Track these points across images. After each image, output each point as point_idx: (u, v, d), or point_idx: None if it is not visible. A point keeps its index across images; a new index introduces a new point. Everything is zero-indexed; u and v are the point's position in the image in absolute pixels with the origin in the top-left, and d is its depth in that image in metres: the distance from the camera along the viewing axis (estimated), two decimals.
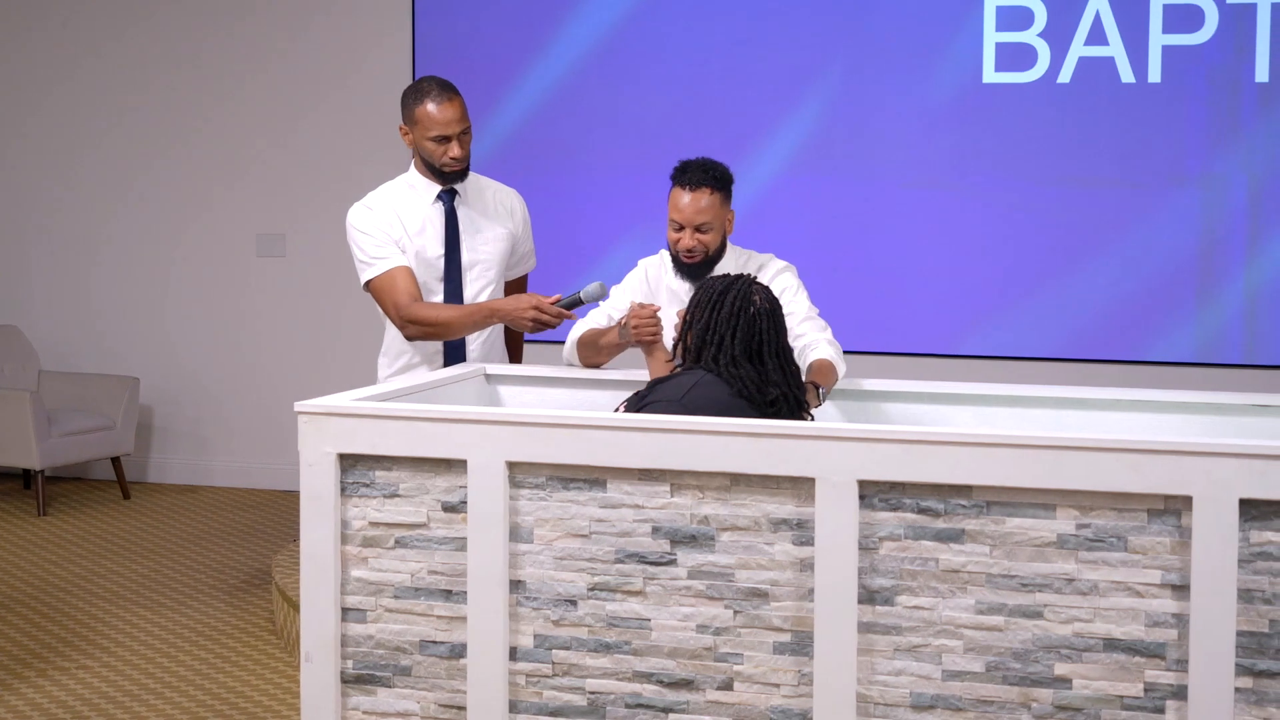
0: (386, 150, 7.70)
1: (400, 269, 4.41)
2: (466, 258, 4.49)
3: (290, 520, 7.12)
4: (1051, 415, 3.85)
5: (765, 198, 7.18)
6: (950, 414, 3.91)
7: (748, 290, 3.57)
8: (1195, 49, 6.64)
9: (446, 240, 4.48)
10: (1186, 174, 6.70)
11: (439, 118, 4.38)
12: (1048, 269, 6.88)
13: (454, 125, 4.39)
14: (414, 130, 4.43)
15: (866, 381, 4.04)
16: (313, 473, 3.41)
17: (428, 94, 4.40)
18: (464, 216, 4.51)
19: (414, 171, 4.54)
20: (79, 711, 4.70)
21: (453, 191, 4.51)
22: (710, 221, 4.12)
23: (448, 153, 4.40)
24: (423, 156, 4.46)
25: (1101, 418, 3.86)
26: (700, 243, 4.11)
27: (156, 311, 8.11)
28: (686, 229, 4.11)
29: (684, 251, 4.12)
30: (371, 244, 4.45)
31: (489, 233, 4.54)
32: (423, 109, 4.39)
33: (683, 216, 4.11)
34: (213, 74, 7.95)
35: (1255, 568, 2.97)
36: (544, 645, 3.33)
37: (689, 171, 4.13)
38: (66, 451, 7.41)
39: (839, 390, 3.95)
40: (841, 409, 3.98)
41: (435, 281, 4.48)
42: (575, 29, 7.35)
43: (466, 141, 4.44)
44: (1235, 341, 6.72)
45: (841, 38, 7.03)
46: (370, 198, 4.54)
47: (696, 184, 4.10)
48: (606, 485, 3.27)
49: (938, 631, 3.12)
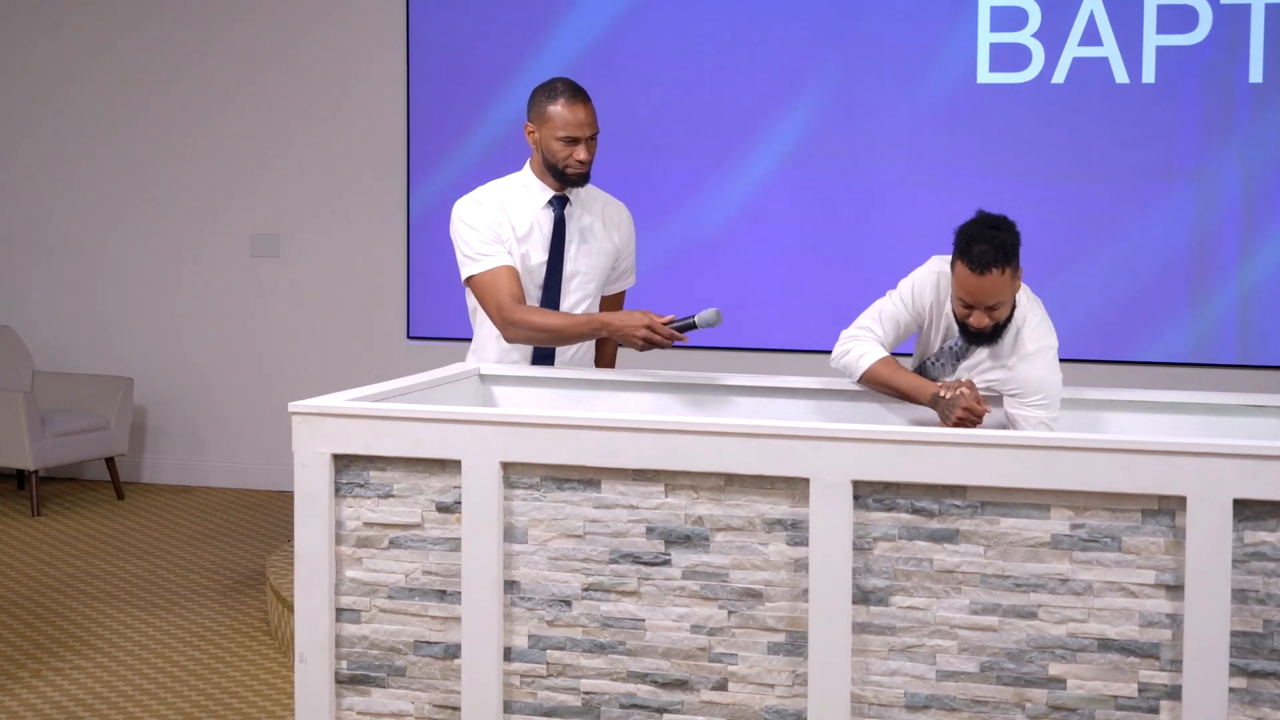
0: (384, 150, 7.71)
1: (505, 268, 4.29)
2: (569, 268, 4.37)
3: (285, 521, 7.11)
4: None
5: (760, 197, 7.18)
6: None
7: None
8: (1189, 49, 6.65)
9: (551, 248, 4.36)
10: (1180, 174, 6.71)
11: (571, 118, 4.27)
12: (1042, 269, 6.87)
13: (585, 128, 4.28)
14: (541, 129, 4.31)
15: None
16: (307, 473, 3.40)
17: (561, 93, 4.29)
18: (572, 226, 4.39)
19: (529, 172, 4.41)
20: (73, 712, 4.70)
21: (564, 199, 4.39)
22: (1001, 300, 3.79)
23: (574, 155, 4.28)
24: (546, 157, 4.32)
25: (1095, 418, 3.86)
26: (991, 318, 3.81)
27: (151, 312, 8.10)
28: (980, 311, 3.80)
29: (973, 327, 3.82)
30: (478, 239, 4.33)
31: (594, 244, 4.42)
32: (555, 107, 4.28)
33: (973, 299, 3.78)
34: (206, 76, 7.94)
35: (1249, 568, 2.97)
36: (538, 645, 3.33)
37: (974, 247, 3.76)
38: (60, 452, 7.40)
39: (837, 390, 3.95)
40: (836, 410, 3.98)
41: (534, 288, 4.37)
42: (568, 33, 7.35)
43: (593, 147, 4.32)
44: (1229, 342, 6.73)
45: (836, 38, 7.04)
46: (480, 192, 4.42)
47: (987, 265, 3.73)
48: (601, 486, 3.27)
49: (932, 632, 3.12)
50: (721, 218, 7.24)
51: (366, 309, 7.80)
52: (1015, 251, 3.78)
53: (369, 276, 7.77)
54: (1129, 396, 3.85)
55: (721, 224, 7.24)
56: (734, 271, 7.18)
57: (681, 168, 7.26)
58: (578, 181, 4.35)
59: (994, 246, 3.73)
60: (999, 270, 3.73)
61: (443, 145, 7.54)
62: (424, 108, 7.56)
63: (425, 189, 7.54)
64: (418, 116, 7.57)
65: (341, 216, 7.81)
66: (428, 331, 7.62)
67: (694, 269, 7.21)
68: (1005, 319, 3.84)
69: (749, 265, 7.16)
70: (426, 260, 7.52)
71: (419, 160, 7.59)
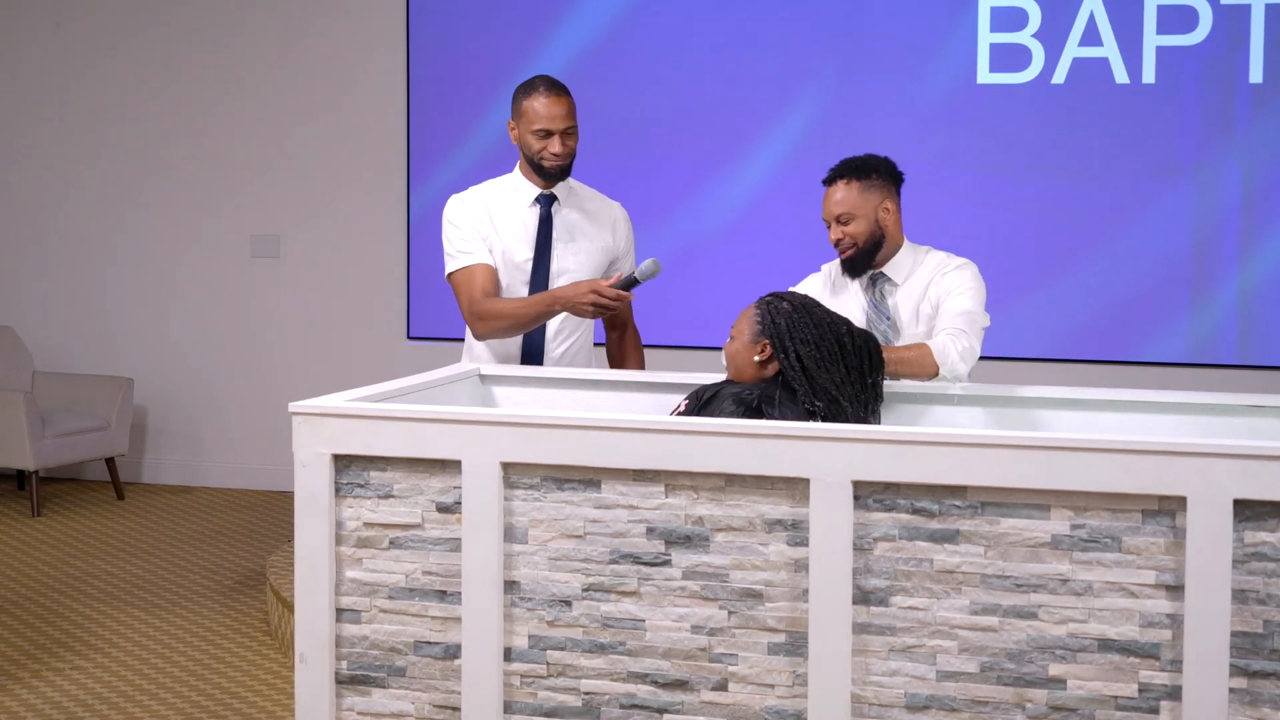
0: (384, 150, 7.71)
1: (481, 266, 4.35)
2: (555, 265, 4.40)
3: (285, 521, 7.11)
4: (1046, 415, 3.85)
5: (760, 197, 7.18)
6: (945, 414, 3.91)
7: (774, 301, 3.66)
8: (1189, 49, 6.65)
9: (537, 245, 4.39)
10: (1180, 175, 6.71)
11: (544, 112, 4.31)
12: (1042, 270, 6.89)
13: (558, 121, 4.31)
14: (519, 124, 4.36)
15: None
16: (307, 473, 3.40)
17: (536, 88, 4.34)
18: (559, 224, 4.42)
19: (518, 173, 4.46)
20: (73, 712, 4.70)
21: (551, 197, 4.42)
22: (850, 211, 4.10)
23: (548, 148, 4.32)
24: (525, 153, 4.37)
25: (1096, 418, 3.86)
26: (846, 234, 4.10)
27: (151, 312, 8.11)
28: (832, 224, 4.11)
29: (835, 245, 4.13)
30: (458, 237, 4.39)
31: (584, 243, 4.44)
32: (530, 102, 4.33)
33: (825, 212, 4.13)
34: (207, 76, 7.94)
35: (1249, 568, 2.97)
36: (538, 646, 3.33)
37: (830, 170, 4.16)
38: (61, 452, 7.40)
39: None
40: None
41: (521, 286, 4.40)
42: (568, 33, 7.35)
43: (570, 142, 4.35)
44: (1229, 342, 6.73)
45: (836, 38, 7.04)
46: (470, 190, 4.48)
47: (833, 178, 4.13)
48: (601, 486, 3.27)
49: (932, 632, 3.12)
50: (721, 218, 7.24)
51: (366, 309, 7.80)
52: (867, 172, 4.11)
53: (369, 276, 7.77)
54: (1129, 396, 3.85)
55: (721, 224, 7.25)
56: (734, 271, 7.18)
57: (681, 168, 7.26)
58: (556, 175, 4.38)
59: (843, 162, 4.12)
60: (844, 181, 4.09)
61: (443, 145, 7.54)
62: (424, 108, 7.56)
63: (425, 189, 7.54)
64: (418, 117, 7.57)
65: (341, 216, 7.81)
66: (428, 331, 7.62)
67: (694, 269, 7.21)
68: (873, 243, 4.08)
69: (749, 265, 7.16)
70: (426, 260, 7.51)
71: (419, 160, 7.59)
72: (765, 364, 3.65)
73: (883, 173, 4.16)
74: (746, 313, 3.73)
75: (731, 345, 3.73)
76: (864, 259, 4.12)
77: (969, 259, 4.17)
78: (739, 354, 3.70)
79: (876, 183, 4.12)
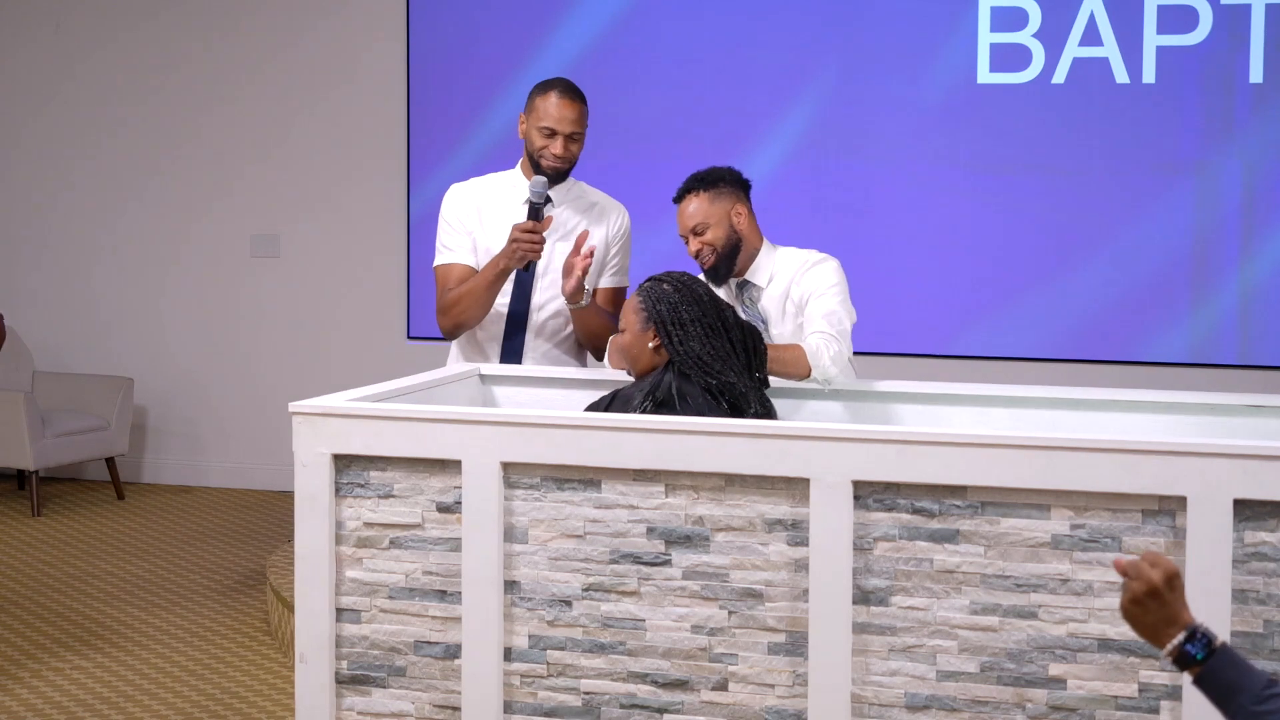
0: (384, 150, 7.70)
1: (458, 265, 4.38)
2: (541, 264, 4.37)
3: (285, 521, 7.11)
4: (1046, 415, 3.85)
5: (759, 197, 7.15)
6: (944, 414, 3.91)
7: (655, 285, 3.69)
8: (1190, 49, 6.65)
9: None
10: (1181, 175, 6.71)
11: (554, 112, 4.31)
12: (1042, 270, 6.88)
13: (566, 124, 4.30)
14: (528, 119, 4.35)
15: (860, 382, 4.04)
16: (307, 473, 3.40)
17: (553, 88, 4.34)
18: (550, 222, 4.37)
19: (519, 170, 4.47)
20: (73, 712, 4.70)
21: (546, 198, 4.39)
22: (704, 220, 4.19)
23: (550, 148, 4.31)
24: (528, 148, 4.36)
25: (1096, 418, 3.86)
26: (704, 244, 4.19)
27: (151, 312, 8.11)
28: (689, 238, 4.21)
29: (695, 258, 4.22)
30: (447, 231, 4.44)
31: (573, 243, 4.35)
32: (543, 99, 4.33)
33: (681, 227, 4.23)
34: (206, 76, 7.94)
35: (1249, 568, 2.97)
36: (539, 646, 3.33)
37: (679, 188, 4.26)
38: (61, 452, 7.40)
39: (834, 391, 3.95)
40: (835, 410, 3.98)
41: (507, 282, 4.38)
42: (568, 33, 7.35)
43: (573, 147, 4.34)
44: (1229, 342, 6.73)
45: (836, 38, 7.04)
46: (470, 181, 4.52)
47: (682, 194, 4.23)
48: (601, 486, 3.27)
49: (932, 632, 3.12)
50: None
51: (366, 309, 7.80)
52: (713, 182, 4.19)
53: (369, 276, 7.77)
54: (1129, 397, 3.85)
55: None
56: None
57: (682, 167, 7.24)
58: (552, 177, 4.37)
59: (690, 177, 4.21)
60: (694, 194, 4.18)
61: (443, 145, 7.54)
62: (424, 108, 7.56)
63: (425, 189, 7.54)
64: (418, 116, 7.57)
65: (341, 216, 7.81)
66: (428, 331, 7.62)
67: (693, 269, 7.20)
68: (731, 247, 4.17)
69: None
70: (427, 260, 7.43)
71: (419, 160, 7.59)
72: (659, 350, 3.64)
73: (729, 180, 4.24)
74: (630, 302, 3.72)
75: (623, 339, 3.71)
76: (725, 265, 4.20)
77: (830, 254, 4.25)
78: (632, 345, 3.68)
79: (725, 190, 4.21)
